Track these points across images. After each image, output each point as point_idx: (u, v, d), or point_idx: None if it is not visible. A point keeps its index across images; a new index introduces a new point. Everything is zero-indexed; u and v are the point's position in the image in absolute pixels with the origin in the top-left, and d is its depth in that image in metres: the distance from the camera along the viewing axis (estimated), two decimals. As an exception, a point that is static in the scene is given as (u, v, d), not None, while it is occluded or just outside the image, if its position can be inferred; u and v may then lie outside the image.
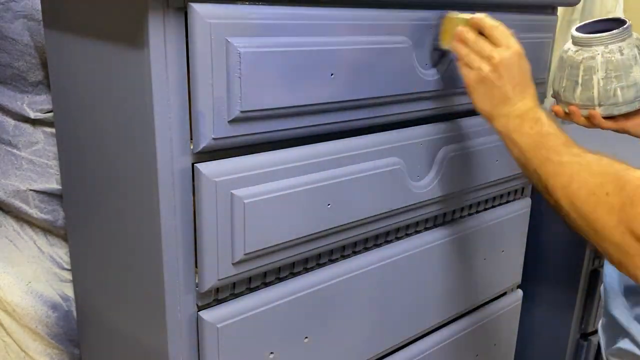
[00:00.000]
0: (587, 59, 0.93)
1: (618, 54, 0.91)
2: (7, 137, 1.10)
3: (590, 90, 0.93)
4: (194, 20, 0.67)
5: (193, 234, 0.75)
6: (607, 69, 0.92)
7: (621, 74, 0.92)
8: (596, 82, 0.93)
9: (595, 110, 0.94)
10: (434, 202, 1.01)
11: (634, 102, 0.94)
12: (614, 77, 0.92)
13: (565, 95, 0.97)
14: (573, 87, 0.95)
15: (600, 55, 0.92)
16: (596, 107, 0.94)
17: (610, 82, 0.92)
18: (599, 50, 0.92)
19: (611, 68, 0.92)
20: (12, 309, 1.10)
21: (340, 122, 0.84)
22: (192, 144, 0.72)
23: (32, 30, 1.05)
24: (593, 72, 0.93)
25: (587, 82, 0.93)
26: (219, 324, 0.77)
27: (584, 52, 0.93)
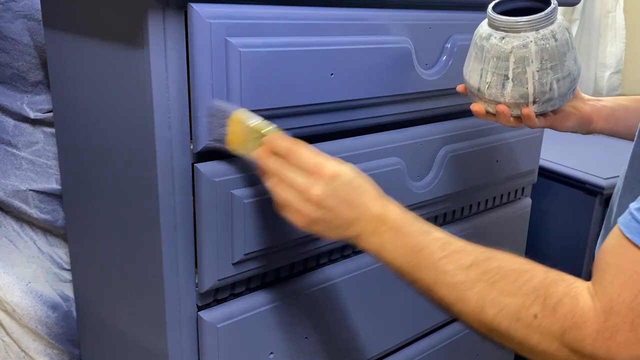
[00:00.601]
0: (517, 47, 0.76)
1: (552, 40, 0.76)
2: (7, 137, 1.10)
3: (523, 85, 0.78)
4: (194, 20, 0.67)
5: (193, 234, 0.75)
6: (542, 58, 0.77)
7: (557, 64, 0.78)
8: (530, 75, 0.77)
9: (529, 108, 0.80)
10: (434, 202, 1.01)
11: (567, 94, 0.82)
12: (549, 68, 0.77)
13: (490, 93, 0.80)
14: (502, 83, 0.79)
15: (533, 42, 0.76)
16: (530, 105, 0.80)
17: (546, 74, 0.78)
18: (531, 37, 0.76)
19: (546, 57, 0.77)
20: (12, 309, 1.10)
21: (340, 122, 0.84)
22: (192, 144, 0.72)
23: (32, 30, 1.05)
24: (527, 64, 0.77)
25: (519, 75, 0.78)
26: (219, 324, 0.77)
27: (513, 40, 0.77)
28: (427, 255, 0.62)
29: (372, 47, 0.84)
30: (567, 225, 1.41)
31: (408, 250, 0.63)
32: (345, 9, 0.81)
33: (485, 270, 0.59)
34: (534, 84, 0.78)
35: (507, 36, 0.77)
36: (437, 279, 0.61)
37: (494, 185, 1.13)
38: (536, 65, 0.77)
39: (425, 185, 0.98)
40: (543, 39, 0.76)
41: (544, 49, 0.77)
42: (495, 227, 1.17)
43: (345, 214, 0.65)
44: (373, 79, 0.85)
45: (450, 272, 0.60)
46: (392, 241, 0.64)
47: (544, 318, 0.54)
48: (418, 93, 0.92)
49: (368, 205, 0.66)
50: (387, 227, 0.65)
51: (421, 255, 0.62)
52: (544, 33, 0.76)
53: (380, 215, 0.65)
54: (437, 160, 0.99)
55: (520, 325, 0.56)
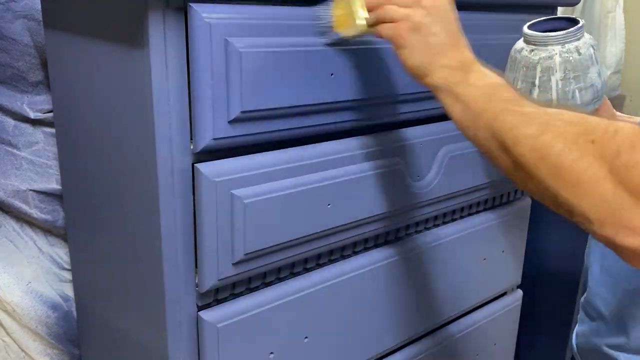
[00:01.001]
0: (544, 59, 0.88)
1: (576, 54, 0.87)
2: (7, 137, 1.10)
3: (548, 92, 0.88)
4: (194, 20, 0.67)
5: (193, 234, 0.75)
6: (565, 69, 0.87)
7: (579, 75, 0.88)
8: (554, 83, 0.88)
9: None
10: (434, 202, 1.01)
11: (590, 104, 0.90)
12: (572, 78, 0.87)
13: None
14: (529, 89, 0.90)
15: (558, 55, 0.87)
16: None
17: (569, 83, 0.88)
18: (557, 50, 0.87)
19: (569, 68, 0.87)
20: (12, 309, 1.10)
21: (340, 122, 0.84)
22: (192, 144, 0.72)
23: (32, 30, 1.05)
24: (551, 73, 0.87)
25: (545, 83, 0.88)
26: (219, 324, 0.77)
27: (541, 52, 0.88)
28: (506, 90, 0.64)
29: (372, 47, 0.84)
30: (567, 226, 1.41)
31: (489, 84, 0.65)
32: (345, 9, 0.81)
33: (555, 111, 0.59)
34: (557, 91, 0.88)
35: (536, 49, 0.88)
36: (508, 106, 0.61)
37: (494, 185, 1.13)
38: (560, 75, 0.87)
39: (425, 185, 0.98)
40: (567, 52, 0.87)
41: (568, 61, 0.87)
42: (495, 227, 1.17)
43: (445, 36, 0.67)
44: (373, 79, 0.85)
45: (523, 104, 0.61)
46: (476, 77, 0.66)
47: (601, 142, 0.53)
48: (418, 93, 0.92)
49: (465, 45, 0.69)
50: (476, 68, 0.67)
51: (500, 89, 0.64)
52: (568, 47, 0.86)
53: (472, 58, 0.68)
54: (437, 160, 0.99)
55: (576, 148, 0.54)
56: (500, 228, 1.19)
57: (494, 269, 1.21)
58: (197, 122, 0.70)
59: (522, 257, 1.29)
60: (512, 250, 1.24)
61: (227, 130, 0.72)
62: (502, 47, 1.03)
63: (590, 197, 0.53)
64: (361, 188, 0.87)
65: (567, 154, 0.54)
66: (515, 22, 1.06)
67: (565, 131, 0.55)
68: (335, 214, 0.85)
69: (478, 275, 1.17)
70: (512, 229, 1.22)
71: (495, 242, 1.18)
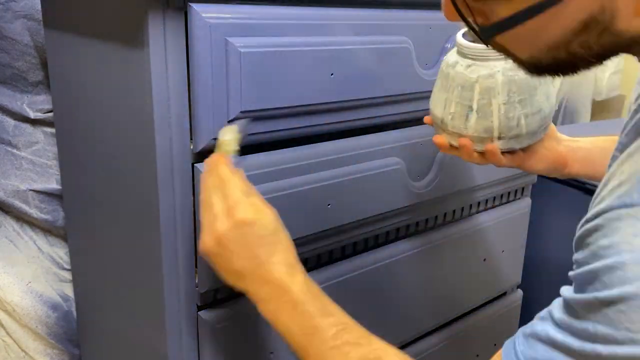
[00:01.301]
0: (484, 77, 0.72)
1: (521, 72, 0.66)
2: (7, 137, 1.10)
3: (488, 119, 0.73)
4: (194, 20, 0.67)
5: (193, 234, 0.75)
6: (509, 90, 0.72)
7: (525, 98, 0.72)
8: (496, 107, 0.72)
9: (493, 144, 0.74)
10: (434, 202, 1.01)
11: (537, 132, 0.76)
12: (517, 102, 0.72)
13: (454, 125, 0.75)
14: (466, 114, 0.74)
15: (500, 72, 0.71)
16: (495, 140, 0.74)
17: (513, 107, 0.72)
18: (499, 67, 0.71)
19: (514, 90, 0.72)
20: (12, 309, 1.10)
21: (340, 122, 0.84)
22: (192, 144, 0.72)
23: (32, 30, 1.05)
24: (492, 96, 0.72)
25: (484, 107, 0.73)
26: (219, 324, 0.77)
27: (480, 69, 0.72)
28: (319, 341, 0.61)
29: (372, 47, 0.84)
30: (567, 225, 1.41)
31: (302, 330, 0.61)
32: (345, 9, 0.81)
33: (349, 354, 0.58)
34: (499, 118, 0.73)
35: (474, 64, 0.73)
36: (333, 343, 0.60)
37: (494, 185, 1.13)
38: (503, 98, 0.72)
39: (425, 185, 0.98)
40: (512, 69, 0.71)
41: (512, 81, 0.72)
42: (495, 227, 1.17)
43: (241, 263, 0.62)
44: (373, 79, 0.85)
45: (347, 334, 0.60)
46: (288, 315, 0.62)
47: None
48: (418, 93, 0.92)
49: (273, 267, 0.62)
50: (287, 299, 0.62)
51: (313, 339, 0.61)
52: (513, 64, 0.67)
53: (283, 283, 0.62)
54: (437, 160, 0.99)
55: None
56: (500, 228, 1.19)
57: (494, 269, 1.21)
58: (197, 122, 0.70)
59: (522, 257, 1.29)
60: (512, 250, 1.24)
61: (227, 130, 0.72)
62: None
63: None
64: (361, 188, 0.87)
65: None
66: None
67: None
68: (335, 214, 0.85)
69: (478, 275, 1.17)
70: (512, 229, 1.22)
71: (495, 242, 1.18)
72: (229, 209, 0.62)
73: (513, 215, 1.21)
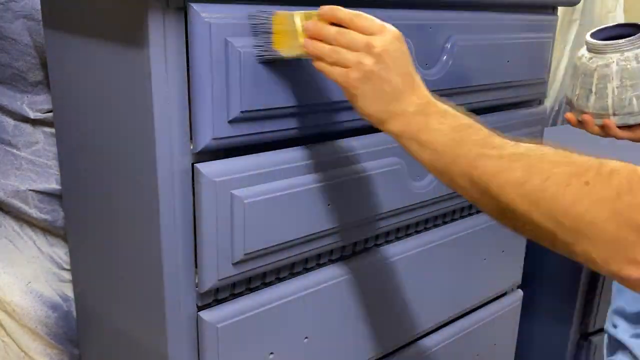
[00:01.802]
0: (601, 66, 0.90)
1: (634, 62, 0.88)
2: (7, 137, 1.10)
3: (604, 99, 0.90)
4: (194, 20, 0.67)
5: (193, 234, 0.75)
6: (622, 77, 0.89)
7: (636, 82, 0.89)
8: (611, 90, 0.90)
9: (609, 120, 0.92)
10: (434, 202, 1.01)
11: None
12: (629, 86, 0.89)
13: (578, 104, 0.94)
14: (587, 96, 0.92)
15: (615, 63, 0.89)
16: (611, 117, 0.91)
17: (625, 90, 0.89)
18: (614, 58, 0.89)
19: (626, 76, 0.88)
20: (12, 309, 1.10)
21: (340, 122, 0.84)
22: (192, 144, 0.72)
23: (32, 30, 1.05)
24: (608, 81, 0.90)
25: (601, 90, 0.90)
26: (219, 324, 0.77)
27: (599, 60, 0.90)
28: (475, 131, 0.61)
29: (372, 47, 0.83)
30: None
31: (455, 127, 0.61)
32: (345, 9, 0.81)
33: (534, 147, 0.57)
34: (613, 99, 0.90)
35: (595, 56, 0.91)
36: (483, 151, 0.58)
37: (494, 185, 1.13)
38: (616, 82, 0.89)
39: (425, 185, 0.98)
40: (625, 60, 0.88)
41: (625, 69, 0.88)
42: (495, 227, 1.17)
43: (398, 81, 0.64)
44: (373, 79, 0.85)
45: (497, 145, 0.59)
46: (438, 120, 0.62)
47: (597, 184, 0.51)
48: (418, 93, 0.92)
49: (419, 84, 0.65)
50: (435, 110, 0.63)
51: (468, 131, 0.61)
52: (627, 55, 0.88)
53: (429, 98, 0.64)
54: (437, 160, 0.99)
55: (570, 191, 0.52)
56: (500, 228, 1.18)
57: (494, 269, 1.21)
58: (197, 122, 0.70)
59: (522, 257, 1.29)
60: (512, 250, 1.24)
61: (227, 130, 0.72)
62: (503, 47, 1.04)
63: (591, 239, 0.52)
64: (361, 188, 0.87)
65: (561, 198, 0.53)
66: (515, 22, 1.06)
67: (555, 173, 0.54)
68: (335, 214, 0.85)
69: (478, 275, 1.17)
70: (512, 229, 1.22)
71: (495, 242, 1.18)
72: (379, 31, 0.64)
73: (513, 215, 1.21)
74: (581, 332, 1.47)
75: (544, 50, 1.14)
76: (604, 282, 1.41)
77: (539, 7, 1.13)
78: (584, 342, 1.48)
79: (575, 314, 1.43)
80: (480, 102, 1.04)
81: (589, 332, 1.47)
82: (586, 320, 1.45)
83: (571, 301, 1.43)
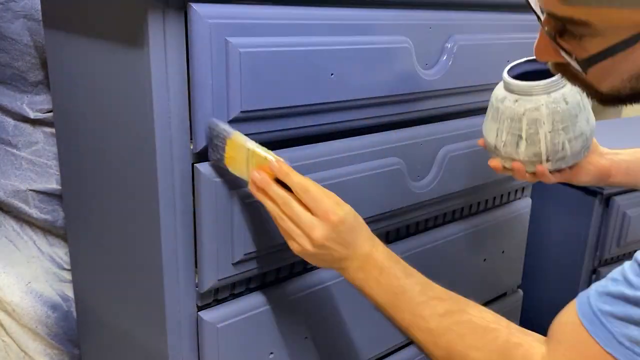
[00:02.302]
0: (530, 110, 0.82)
1: (563, 103, 0.81)
2: (7, 137, 1.10)
3: (536, 145, 0.84)
4: (194, 20, 0.67)
5: (193, 234, 0.75)
6: (553, 120, 0.82)
7: (568, 125, 0.83)
8: (543, 135, 0.83)
9: (542, 166, 0.86)
10: (434, 202, 1.01)
11: (581, 152, 0.87)
12: (561, 129, 0.83)
13: (506, 151, 0.86)
14: (516, 142, 0.85)
15: (544, 106, 0.81)
16: (544, 162, 0.86)
17: (558, 134, 0.83)
18: (543, 101, 0.81)
19: (557, 119, 0.82)
20: (12, 309, 1.10)
21: (340, 122, 0.84)
22: (192, 144, 0.72)
23: (32, 30, 1.05)
24: (539, 125, 0.82)
25: (532, 136, 0.83)
26: (219, 324, 0.77)
27: (526, 103, 0.82)
28: (407, 299, 0.69)
29: (372, 47, 0.84)
30: (567, 225, 1.41)
31: (390, 290, 0.69)
32: (345, 9, 0.81)
33: (456, 321, 0.66)
34: (546, 144, 0.83)
35: (520, 99, 0.83)
36: (413, 322, 0.68)
37: (494, 185, 1.13)
38: (548, 127, 0.82)
39: (425, 185, 0.98)
40: (554, 102, 0.81)
41: (555, 112, 0.82)
42: (495, 227, 1.17)
43: (339, 252, 0.70)
44: (373, 79, 0.85)
45: (425, 317, 0.67)
46: (375, 280, 0.70)
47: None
48: (418, 93, 0.92)
49: (360, 244, 0.70)
50: (373, 266, 0.70)
51: (401, 297, 0.69)
52: (555, 97, 0.81)
53: (368, 254, 0.70)
54: (437, 160, 0.99)
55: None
56: (500, 228, 1.19)
57: (494, 269, 1.21)
58: (197, 122, 0.70)
59: (522, 257, 1.29)
60: (512, 250, 1.24)
61: (227, 130, 0.72)
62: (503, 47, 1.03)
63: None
64: (361, 188, 0.87)
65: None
66: (515, 23, 1.06)
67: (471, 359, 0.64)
68: (335, 214, 0.85)
69: (478, 276, 1.17)
70: (512, 229, 1.22)
71: (495, 242, 1.18)
72: (321, 216, 0.68)
73: (513, 215, 1.21)
74: (581, 332, 1.47)
75: (544, 50, 1.14)
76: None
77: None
78: (584, 342, 1.47)
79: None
80: (481, 102, 1.04)
81: (588, 332, 1.47)
82: (586, 320, 1.45)
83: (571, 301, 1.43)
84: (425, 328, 0.67)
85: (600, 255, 1.40)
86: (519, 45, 1.07)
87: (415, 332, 0.68)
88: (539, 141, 0.83)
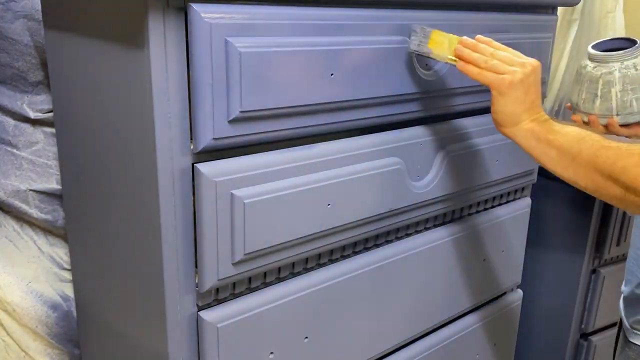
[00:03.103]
0: (605, 74, 1.05)
1: (633, 70, 1.04)
2: (7, 137, 1.10)
3: (609, 102, 1.06)
4: (194, 20, 0.67)
5: (193, 234, 0.75)
6: (624, 82, 1.04)
7: (636, 87, 1.04)
8: (614, 94, 1.05)
9: (613, 119, 1.07)
10: (434, 202, 1.01)
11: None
12: (630, 90, 1.04)
13: (584, 106, 1.09)
14: (592, 99, 1.08)
15: (617, 70, 1.05)
16: (614, 116, 1.06)
17: (627, 94, 1.05)
18: (616, 67, 1.05)
19: (627, 81, 1.04)
20: (12, 309, 1.10)
21: (340, 122, 0.84)
22: (192, 144, 0.72)
23: (32, 30, 1.05)
24: (611, 86, 1.05)
25: (605, 94, 1.06)
26: (219, 324, 0.77)
27: (602, 68, 1.06)
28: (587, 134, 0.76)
29: (372, 47, 0.84)
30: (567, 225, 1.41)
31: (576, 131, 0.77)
32: (344, 9, 0.81)
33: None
34: (616, 101, 1.06)
35: (599, 65, 1.07)
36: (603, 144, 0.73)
37: (494, 185, 1.13)
38: (619, 87, 1.05)
39: (425, 185, 0.98)
40: (626, 68, 1.05)
41: (626, 76, 1.05)
42: (495, 227, 1.17)
43: (535, 96, 0.80)
44: (373, 79, 0.85)
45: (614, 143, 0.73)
46: (561, 126, 0.78)
47: None
48: (418, 93, 0.92)
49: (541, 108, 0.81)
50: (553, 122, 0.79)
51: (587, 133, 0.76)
52: (626, 64, 1.05)
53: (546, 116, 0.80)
54: (437, 160, 0.99)
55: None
56: (500, 228, 1.19)
57: (494, 269, 1.21)
58: (197, 122, 0.70)
59: (522, 257, 1.29)
60: (512, 250, 1.24)
61: (227, 130, 0.72)
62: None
63: None
64: (361, 188, 0.87)
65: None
66: (515, 22, 1.06)
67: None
68: (335, 214, 0.85)
69: (478, 275, 1.17)
70: (512, 229, 1.22)
71: (495, 242, 1.18)
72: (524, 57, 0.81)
73: (513, 215, 1.21)
74: (581, 332, 1.48)
75: (543, 51, 1.14)
76: (603, 283, 1.42)
77: (539, 7, 1.13)
78: (584, 342, 1.48)
79: (575, 314, 1.44)
80: (481, 102, 1.04)
81: (588, 332, 1.47)
82: (586, 320, 1.46)
83: (571, 301, 1.43)
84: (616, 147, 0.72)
85: (600, 255, 1.40)
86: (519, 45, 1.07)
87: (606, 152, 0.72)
88: (611, 98, 1.05)
